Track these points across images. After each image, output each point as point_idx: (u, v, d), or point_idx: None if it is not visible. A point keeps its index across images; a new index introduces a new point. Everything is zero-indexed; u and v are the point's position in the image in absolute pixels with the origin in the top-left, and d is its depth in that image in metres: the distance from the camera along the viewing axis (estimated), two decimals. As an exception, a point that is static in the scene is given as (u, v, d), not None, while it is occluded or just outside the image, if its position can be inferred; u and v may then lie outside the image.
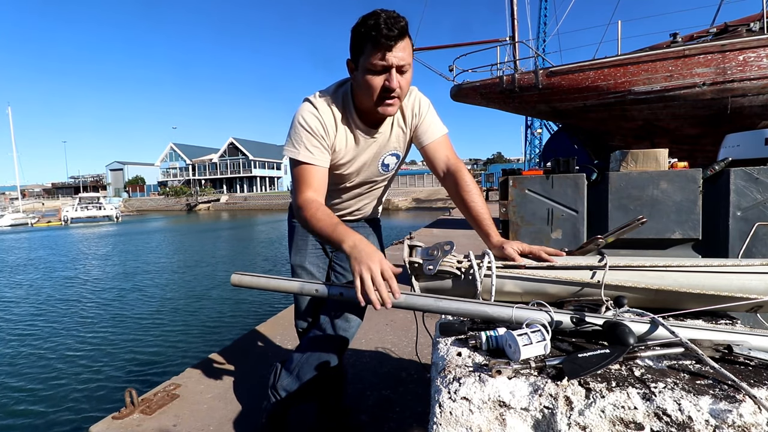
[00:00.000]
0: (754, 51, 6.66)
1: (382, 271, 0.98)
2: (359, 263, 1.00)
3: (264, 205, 42.15)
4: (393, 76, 1.18)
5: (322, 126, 1.30)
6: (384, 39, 1.12)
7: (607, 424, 0.66)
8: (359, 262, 1.00)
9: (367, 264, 0.99)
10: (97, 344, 5.61)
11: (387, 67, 1.17)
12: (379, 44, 1.13)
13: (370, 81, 1.20)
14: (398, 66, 1.18)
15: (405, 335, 3.01)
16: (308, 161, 1.29)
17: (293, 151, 1.30)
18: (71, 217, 32.23)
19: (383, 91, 1.21)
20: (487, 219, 1.30)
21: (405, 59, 1.18)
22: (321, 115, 1.30)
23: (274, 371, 1.68)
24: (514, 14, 10.16)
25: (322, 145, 1.31)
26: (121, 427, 1.95)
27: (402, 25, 1.13)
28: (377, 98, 1.22)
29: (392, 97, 1.22)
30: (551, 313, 0.89)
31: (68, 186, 76.93)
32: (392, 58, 1.15)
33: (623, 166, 2.64)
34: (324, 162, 1.32)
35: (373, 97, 1.22)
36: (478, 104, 9.54)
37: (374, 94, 1.22)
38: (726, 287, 0.98)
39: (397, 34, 1.12)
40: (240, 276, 1.16)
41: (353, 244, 1.05)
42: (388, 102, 1.23)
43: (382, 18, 1.12)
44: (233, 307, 7.19)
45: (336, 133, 1.34)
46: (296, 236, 1.72)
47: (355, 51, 1.21)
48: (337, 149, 1.36)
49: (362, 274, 0.97)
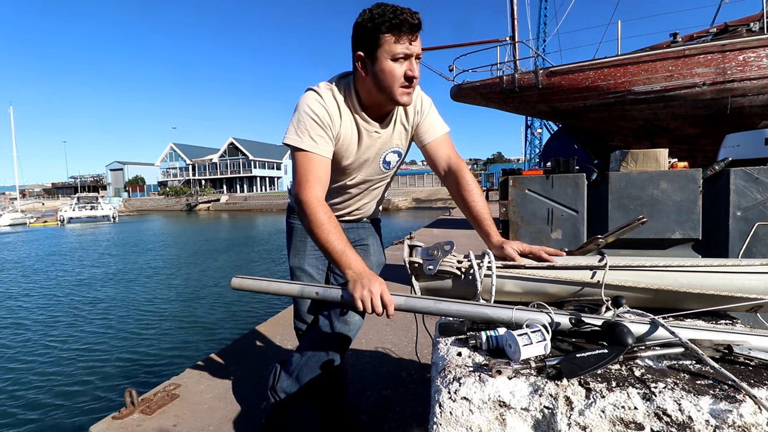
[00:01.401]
0: (754, 51, 6.66)
1: (382, 294, 1.02)
2: (362, 288, 1.03)
3: (264, 205, 42.13)
4: (415, 65, 1.21)
5: (328, 114, 1.28)
6: (409, 27, 1.16)
7: (607, 424, 0.66)
8: (363, 287, 1.03)
9: (369, 288, 1.02)
10: (97, 344, 5.61)
11: (409, 55, 1.20)
12: (403, 32, 1.16)
13: (393, 69, 1.20)
14: (417, 54, 1.22)
15: (405, 335, 3.01)
16: (312, 150, 1.26)
17: (296, 139, 1.26)
18: (68, 217, 32.19)
19: (405, 80, 1.22)
20: (487, 219, 1.30)
21: (420, 48, 1.22)
22: (327, 104, 1.28)
23: (273, 372, 1.68)
24: (514, 14, 10.15)
25: (327, 135, 1.28)
26: (121, 427, 1.95)
27: (419, 16, 1.19)
28: (399, 87, 1.23)
29: (411, 87, 1.24)
30: (551, 313, 0.89)
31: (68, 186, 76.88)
32: (414, 46, 1.19)
33: (623, 166, 2.64)
34: (328, 153, 1.29)
35: (394, 85, 1.23)
36: (478, 104, 9.53)
37: (396, 83, 1.22)
38: (726, 287, 0.98)
39: (418, 23, 1.17)
40: (240, 279, 1.15)
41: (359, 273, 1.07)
42: (407, 91, 1.24)
43: (400, 10, 1.15)
44: (233, 307, 7.18)
45: (341, 123, 1.32)
46: (295, 237, 1.70)
47: (370, 42, 1.20)
48: (341, 141, 1.34)
49: (363, 297, 1.02)
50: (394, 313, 1.03)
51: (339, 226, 1.18)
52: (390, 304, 1.02)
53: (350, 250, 1.12)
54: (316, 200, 1.20)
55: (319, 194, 1.23)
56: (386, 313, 1.02)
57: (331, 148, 1.31)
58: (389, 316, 1.02)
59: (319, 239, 1.16)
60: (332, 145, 1.31)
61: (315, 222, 1.16)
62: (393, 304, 1.02)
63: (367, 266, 1.11)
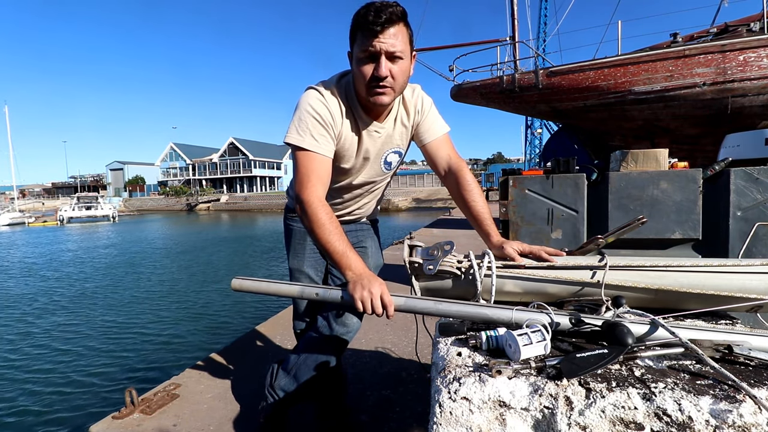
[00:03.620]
0: (754, 51, 6.65)
1: (382, 295, 1.01)
2: (362, 289, 1.02)
3: (264, 205, 42.14)
4: (382, 63, 1.15)
5: (330, 113, 1.26)
6: (371, 25, 1.11)
7: (607, 424, 0.66)
8: (363, 288, 1.02)
9: (369, 289, 1.02)
10: (97, 344, 5.61)
11: (375, 53, 1.15)
12: (367, 30, 1.12)
13: (359, 69, 1.18)
14: (388, 52, 1.15)
15: (405, 335, 3.01)
16: (313, 149, 1.24)
17: (298, 138, 1.24)
18: (68, 216, 32.19)
19: (372, 80, 1.18)
20: (487, 219, 1.29)
21: (396, 46, 1.15)
22: (328, 102, 1.26)
23: (270, 371, 1.68)
24: (514, 14, 10.15)
25: (329, 134, 1.27)
26: (121, 427, 1.95)
27: (392, 11, 1.11)
28: (367, 87, 1.20)
29: (382, 86, 1.19)
30: (551, 313, 0.89)
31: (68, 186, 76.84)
32: (379, 44, 1.13)
33: (623, 166, 2.64)
34: (329, 152, 1.28)
35: (362, 86, 1.21)
36: (478, 104, 9.53)
37: (363, 83, 1.20)
38: (726, 287, 0.98)
39: (385, 19, 1.11)
40: (240, 281, 1.15)
41: (359, 274, 1.07)
42: (377, 90, 1.20)
43: (374, 6, 1.11)
44: (233, 307, 7.18)
45: (342, 122, 1.30)
46: (294, 239, 1.69)
47: (351, 41, 1.21)
48: (342, 140, 1.32)
49: (363, 298, 1.01)
50: (393, 314, 1.02)
51: (340, 226, 1.17)
52: (390, 305, 1.02)
53: (351, 251, 1.11)
54: (317, 200, 1.19)
55: (321, 194, 1.21)
56: (386, 314, 1.02)
57: (333, 147, 1.30)
58: (389, 317, 1.02)
59: (320, 239, 1.15)
60: (334, 144, 1.30)
61: (316, 222, 1.15)
62: (393, 305, 1.02)
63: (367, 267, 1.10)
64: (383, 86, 1.19)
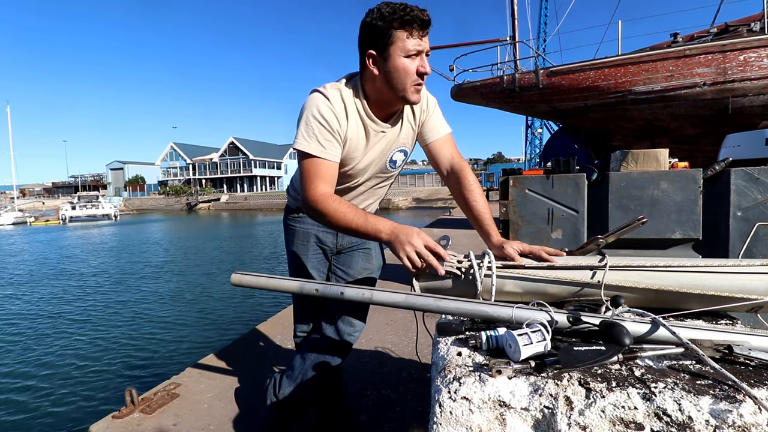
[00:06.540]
0: (754, 51, 6.65)
1: (426, 244, 1.04)
2: (402, 245, 1.04)
3: (264, 205, 42.14)
4: (425, 60, 1.23)
5: (336, 118, 1.27)
6: (420, 23, 1.17)
7: (607, 424, 0.66)
8: (402, 244, 1.05)
9: (410, 243, 1.04)
10: (97, 344, 5.61)
11: (421, 51, 1.21)
12: (414, 28, 1.18)
13: (406, 66, 1.21)
14: (427, 51, 1.23)
15: (405, 335, 3.01)
16: (320, 155, 1.26)
17: (305, 144, 1.26)
18: (69, 216, 32.23)
19: (418, 76, 1.23)
20: (488, 219, 1.30)
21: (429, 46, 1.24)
22: (334, 106, 1.27)
23: (272, 382, 1.66)
24: (515, 14, 10.15)
25: (335, 139, 1.28)
26: (121, 427, 1.95)
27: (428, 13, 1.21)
28: (412, 84, 1.24)
29: (422, 84, 1.26)
30: (551, 313, 0.89)
31: (69, 185, 76.90)
32: (424, 43, 1.21)
33: (624, 166, 2.64)
34: (335, 157, 1.29)
35: (407, 82, 1.23)
36: (479, 104, 9.52)
37: (409, 79, 1.23)
38: (726, 287, 0.98)
39: (429, 19, 1.19)
40: (240, 275, 1.15)
41: (390, 232, 1.10)
42: (419, 88, 1.26)
43: (410, 6, 1.17)
44: (233, 307, 7.19)
45: (348, 125, 1.31)
46: (296, 239, 1.69)
47: (381, 39, 1.20)
48: (348, 143, 1.33)
49: (409, 255, 1.04)
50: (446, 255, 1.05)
51: (351, 204, 1.21)
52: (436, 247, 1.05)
53: (371, 217, 1.16)
54: (323, 194, 1.23)
55: (326, 191, 1.25)
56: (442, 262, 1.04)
57: (339, 151, 1.31)
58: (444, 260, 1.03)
59: (341, 225, 1.19)
60: (340, 148, 1.31)
61: (329, 213, 1.19)
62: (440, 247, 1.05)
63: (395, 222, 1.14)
64: (421, 84, 1.26)
